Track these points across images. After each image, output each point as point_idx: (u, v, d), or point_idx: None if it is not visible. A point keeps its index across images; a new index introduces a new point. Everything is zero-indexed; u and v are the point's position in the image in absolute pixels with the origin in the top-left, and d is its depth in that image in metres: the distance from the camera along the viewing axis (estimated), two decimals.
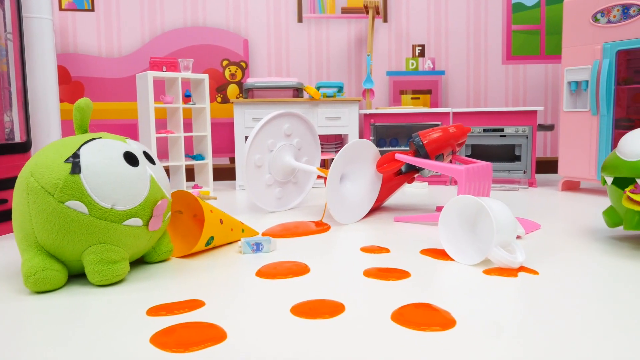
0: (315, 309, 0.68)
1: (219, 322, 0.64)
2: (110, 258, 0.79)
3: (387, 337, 0.59)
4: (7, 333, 0.61)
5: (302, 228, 1.24)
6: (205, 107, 2.00)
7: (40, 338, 0.60)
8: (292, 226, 1.26)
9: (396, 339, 0.58)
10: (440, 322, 0.63)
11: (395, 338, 0.58)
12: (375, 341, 0.58)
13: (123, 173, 0.80)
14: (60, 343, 0.58)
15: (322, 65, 2.47)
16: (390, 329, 0.61)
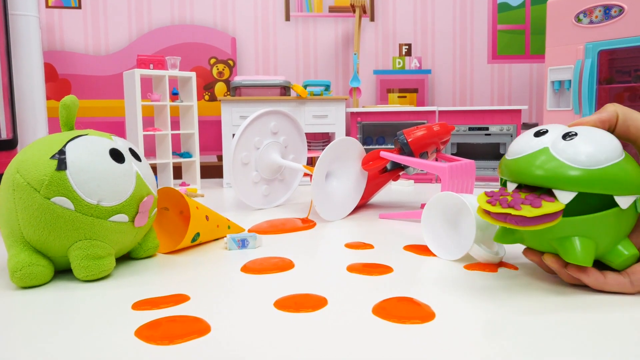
0: (299, 303, 0.69)
1: (203, 316, 0.65)
2: (96, 254, 0.80)
3: (367, 329, 0.60)
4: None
5: (288, 225, 1.25)
6: (193, 105, 2.01)
7: (27, 332, 0.61)
8: (279, 223, 1.27)
9: (377, 331, 0.59)
10: (420, 315, 0.64)
11: (376, 330, 0.60)
12: (356, 333, 0.59)
13: (109, 170, 0.81)
14: (47, 337, 0.59)
15: (310, 64, 2.48)
16: (371, 322, 0.62)
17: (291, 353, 0.54)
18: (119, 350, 0.55)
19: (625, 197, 0.66)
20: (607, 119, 0.70)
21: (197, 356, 0.53)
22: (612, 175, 0.65)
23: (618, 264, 0.70)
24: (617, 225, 0.68)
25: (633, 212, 0.69)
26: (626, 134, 0.70)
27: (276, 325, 0.62)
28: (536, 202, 0.66)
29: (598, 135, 0.68)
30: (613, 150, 0.66)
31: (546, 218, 0.65)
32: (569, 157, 0.66)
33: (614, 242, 0.69)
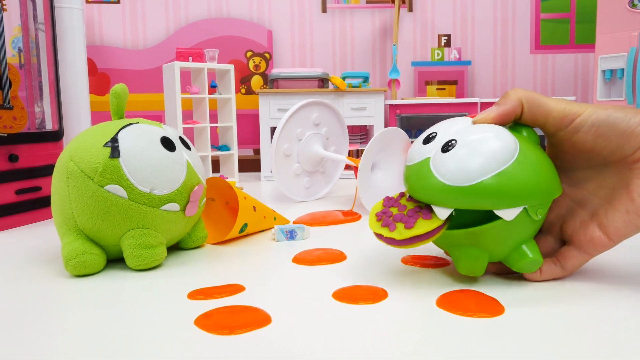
0: (358, 295, 0.67)
1: (261, 307, 0.63)
2: (149, 242, 0.79)
3: (433, 322, 0.57)
4: (50, 315, 0.62)
5: (330, 217, 1.23)
6: (231, 97, 2.00)
7: (84, 322, 0.60)
8: (320, 215, 1.25)
9: (443, 324, 0.57)
10: (489, 309, 0.61)
11: (442, 323, 0.57)
12: (422, 326, 0.56)
13: (161, 158, 0.80)
14: (105, 326, 0.58)
15: (346, 56, 2.45)
16: (436, 315, 0.60)
17: (357, 345, 0.51)
18: (180, 339, 0.54)
19: (508, 210, 0.61)
20: (511, 110, 0.64)
21: (259, 347, 0.52)
22: (487, 190, 0.60)
23: (517, 269, 0.67)
24: (508, 234, 0.64)
25: (527, 219, 0.64)
26: (533, 121, 0.65)
27: (337, 316, 0.60)
28: (410, 222, 0.63)
29: (480, 144, 0.61)
30: (493, 160, 0.60)
31: (417, 238, 0.64)
32: (442, 172, 0.62)
33: (510, 249, 0.66)
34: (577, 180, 0.69)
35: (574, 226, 0.68)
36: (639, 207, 0.61)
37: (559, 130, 0.64)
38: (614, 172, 0.65)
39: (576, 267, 0.68)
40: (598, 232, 0.65)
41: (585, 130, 0.62)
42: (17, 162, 1.18)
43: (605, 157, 0.64)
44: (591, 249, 0.66)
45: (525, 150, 0.62)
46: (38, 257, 0.90)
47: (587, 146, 0.63)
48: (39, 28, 1.41)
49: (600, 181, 0.66)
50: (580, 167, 0.68)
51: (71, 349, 0.52)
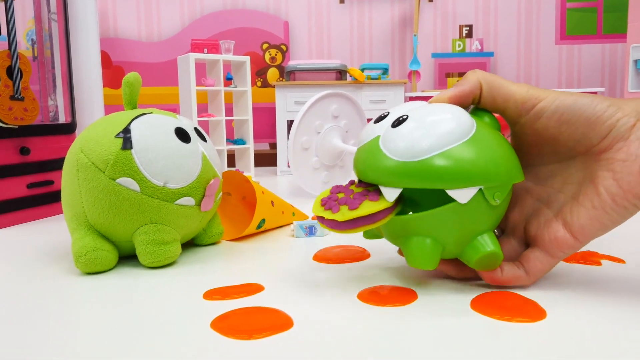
0: (385, 296, 0.62)
1: (282, 308, 0.59)
2: (162, 239, 0.75)
3: (468, 326, 0.53)
4: (58, 315, 0.58)
5: None
6: (247, 90, 1.96)
7: (96, 321, 0.56)
8: None
9: (479, 329, 0.52)
10: (529, 313, 0.56)
11: (478, 327, 0.52)
12: (455, 331, 0.51)
13: (175, 149, 0.76)
14: (118, 327, 0.54)
15: (364, 47, 2.40)
16: (471, 318, 0.55)
17: (387, 351, 0.47)
18: (196, 343, 0.49)
19: (461, 191, 0.55)
20: (469, 91, 0.59)
21: (280, 353, 0.47)
22: (438, 167, 0.54)
23: (474, 264, 0.60)
24: (463, 221, 0.57)
25: (483, 205, 0.57)
26: (493, 106, 0.60)
27: (364, 320, 0.55)
28: (354, 204, 0.57)
29: (432, 118, 0.56)
30: (445, 135, 0.55)
31: (362, 221, 0.57)
32: (391, 148, 0.56)
33: (466, 239, 0.59)
34: (543, 177, 0.62)
35: (537, 226, 0.61)
36: (605, 202, 0.55)
37: (521, 116, 0.58)
38: (581, 166, 0.58)
39: (540, 271, 0.61)
40: (562, 230, 0.58)
41: (548, 115, 0.57)
42: (29, 155, 1.15)
43: (570, 147, 0.58)
44: (555, 249, 0.59)
45: (482, 132, 0.57)
46: (49, 253, 0.87)
47: (550, 134, 0.58)
48: (51, 18, 1.38)
49: (567, 177, 0.60)
50: (546, 162, 0.62)
51: (80, 350, 0.48)
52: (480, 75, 0.60)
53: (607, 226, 0.56)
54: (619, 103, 0.55)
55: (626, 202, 0.54)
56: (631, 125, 0.53)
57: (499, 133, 0.60)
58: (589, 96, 0.56)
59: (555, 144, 0.59)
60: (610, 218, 0.55)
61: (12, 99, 1.06)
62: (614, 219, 0.55)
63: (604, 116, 0.54)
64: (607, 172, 0.55)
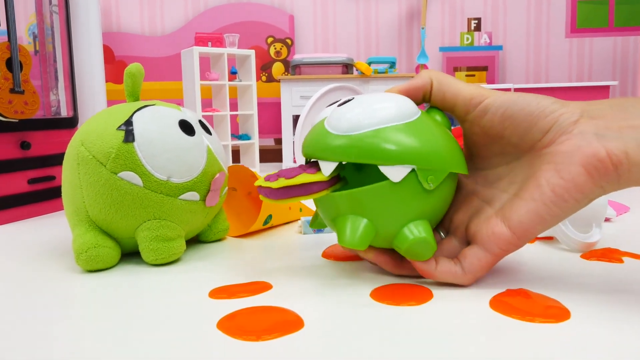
0: (399, 295, 0.60)
1: (291, 308, 0.56)
2: (166, 235, 0.73)
3: (488, 327, 0.50)
4: (57, 314, 0.55)
5: None
6: (252, 84, 1.93)
7: (99, 322, 0.53)
8: None
9: (500, 330, 0.49)
10: (554, 314, 0.53)
11: (499, 328, 0.49)
12: (474, 331, 0.49)
13: (179, 142, 0.73)
14: (121, 326, 0.51)
15: (371, 41, 2.36)
16: (491, 318, 0.52)
17: (402, 353, 0.44)
18: (202, 344, 0.47)
19: (393, 168, 0.55)
20: (420, 85, 0.62)
21: (290, 355, 0.44)
22: (372, 141, 0.56)
23: (405, 251, 0.59)
24: (396, 202, 0.57)
25: (418, 188, 0.57)
26: (442, 102, 0.61)
27: (378, 320, 0.52)
28: (291, 174, 0.58)
29: (378, 98, 0.59)
30: (385, 115, 0.57)
31: (296, 190, 0.58)
32: (332, 123, 0.58)
33: (398, 223, 0.58)
34: (491, 180, 0.62)
35: (477, 223, 0.60)
36: (544, 193, 0.54)
37: (468, 112, 0.60)
38: (526, 165, 0.58)
39: (478, 269, 0.59)
40: (500, 225, 0.57)
41: (493, 111, 0.58)
42: (30, 149, 1.12)
43: (515, 145, 0.58)
44: (492, 245, 0.57)
45: (425, 121, 0.59)
46: (50, 251, 0.84)
47: (496, 131, 0.58)
48: (52, 10, 1.35)
49: (512, 177, 0.60)
50: (494, 165, 0.62)
51: (80, 350, 0.45)
52: (432, 73, 0.62)
53: (545, 220, 0.55)
54: (564, 102, 0.55)
55: (566, 193, 0.53)
56: (574, 120, 0.53)
57: (447, 130, 0.61)
58: (535, 94, 0.57)
59: (502, 142, 0.59)
60: (549, 211, 0.54)
61: (12, 92, 1.04)
62: (553, 212, 0.54)
63: (546, 110, 0.55)
64: (548, 165, 0.54)
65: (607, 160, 0.50)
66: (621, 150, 0.49)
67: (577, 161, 0.52)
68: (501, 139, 0.59)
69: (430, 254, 0.59)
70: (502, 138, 0.59)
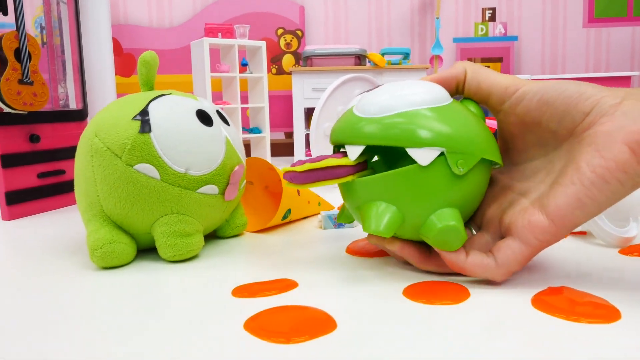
0: (434, 293, 0.56)
1: (320, 307, 0.53)
2: (184, 230, 0.69)
3: (531, 327, 0.46)
4: (72, 313, 0.52)
5: None
6: (263, 76, 1.89)
7: (110, 319, 0.50)
8: None
9: (543, 330, 0.45)
10: (603, 314, 0.50)
11: (542, 328, 0.46)
12: (517, 332, 0.45)
13: (197, 133, 0.70)
14: (134, 325, 0.48)
15: (383, 32, 2.31)
16: (534, 318, 0.48)
17: (441, 355, 0.40)
18: (230, 347, 0.43)
19: (421, 150, 0.53)
20: (453, 75, 0.60)
21: (325, 359, 0.41)
22: (400, 124, 0.54)
23: (432, 239, 0.55)
24: (424, 187, 0.54)
25: (447, 172, 0.54)
26: (477, 92, 0.59)
27: (414, 320, 0.49)
28: (316, 160, 0.57)
29: (409, 84, 0.57)
30: (413, 98, 0.55)
31: (320, 173, 0.56)
32: (362, 108, 0.57)
33: (426, 211, 0.55)
34: (528, 174, 0.59)
35: (512, 214, 0.56)
36: (584, 175, 0.50)
37: (504, 101, 0.58)
38: (564, 154, 0.55)
39: (512, 262, 0.55)
40: (537, 214, 0.53)
41: (530, 97, 0.55)
42: (39, 142, 1.09)
43: (553, 131, 0.55)
44: (528, 235, 0.53)
45: (457, 107, 0.56)
46: (62, 247, 0.81)
47: (532, 118, 0.56)
48: (61, 0, 1.32)
49: (550, 168, 0.57)
50: (531, 157, 0.59)
51: (96, 352, 0.42)
52: (466, 64, 0.61)
53: (585, 205, 0.51)
54: (605, 87, 0.53)
55: (608, 173, 0.49)
56: (617, 102, 0.50)
57: (481, 120, 0.58)
58: (574, 81, 0.55)
59: (539, 130, 0.56)
60: (589, 194, 0.50)
61: (21, 82, 1.00)
62: (594, 195, 0.50)
63: (586, 94, 0.52)
64: (589, 147, 0.51)
65: None
66: None
67: (620, 139, 0.48)
68: (538, 126, 0.56)
69: (460, 243, 0.55)
70: (540, 125, 0.56)
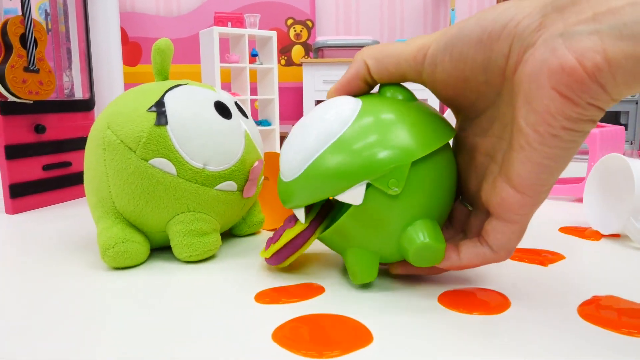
0: (471, 302, 0.52)
1: (351, 315, 0.49)
2: (201, 229, 0.65)
3: (579, 341, 0.42)
4: (84, 317, 0.48)
5: None
6: (273, 67, 1.84)
7: (124, 323, 0.46)
8: None
9: (594, 344, 0.41)
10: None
11: (593, 342, 0.42)
12: (565, 345, 0.41)
13: (215, 126, 0.66)
14: (155, 333, 0.44)
15: (395, 23, 2.26)
16: (582, 330, 0.44)
17: None
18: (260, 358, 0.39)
19: (346, 193, 0.49)
20: (353, 75, 0.53)
21: None
22: (311, 179, 0.50)
23: (415, 261, 0.50)
24: (375, 221, 0.50)
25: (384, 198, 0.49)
26: (389, 75, 0.51)
27: (454, 331, 0.45)
28: (276, 237, 0.58)
29: (304, 124, 0.53)
30: (312, 143, 0.50)
31: (284, 251, 0.57)
32: (282, 171, 0.55)
33: (395, 237, 0.51)
34: (486, 126, 0.51)
35: (486, 189, 0.50)
36: (528, 135, 0.42)
37: (420, 73, 0.49)
38: (507, 100, 0.47)
39: (506, 244, 0.49)
40: (506, 188, 0.47)
41: (441, 58, 0.47)
42: (44, 133, 1.05)
43: (485, 82, 0.46)
44: (507, 212, 0.47)
45: (363, 119, 0.50)
46: (69, 244, 0.77)
47: (456, 77, 0.47)
48: None
49: (501, 118, 0.49)
50: (481, 109, 0.50)
51: (105, 357, 0.38)
52: (364, 53, 0.53)
53: (546, 166, 0.43)
54: (518, 3, 0.43)
55: (549, 128, 0.41)
56: (536, 25, 0.40)
57: (404, 106, 0.51)
58: (478, 14, 0.45)
59: (470, 85, 0.48)
60: (543, 154, 0.43)
61: (26, 70, 0.96)
62: (548, 154, 0.42)
63: (496, 27, 0.42)
64: (520, 97, 0.43)
65: (580, 71, 0.36)
66: (597, 51, 0.35)
67: (545, 83, 0.39)
68: (467, 82, 0.47)
69: (440, 254, 0.50)
70: (468, 81, 0.47)
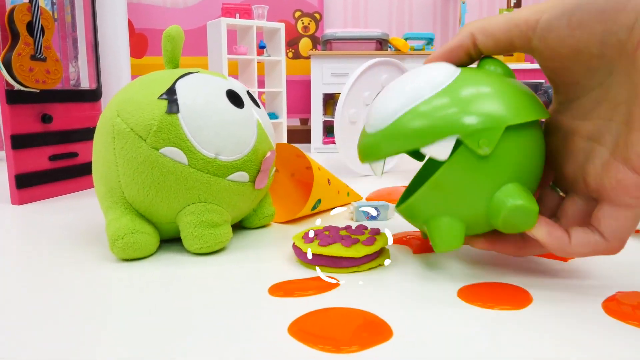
0: (491, 296, 0.51)
1: (368, 309, 0.47)
2: (212, 220, 0.64)
3: (604, 337, 0.41)
4: (91, 309, 0.46)
5: (397, 194, 1.06)
6: (281, 59, 1.83)
7: (134, 315, 0.44)
8: (385, 192, 1.09)
9: (620, 342, 0.40)
10: None
11: (619, 339, 0.40)
12: (592, 344, 0.40)
13: (227, 115, 0.64)
14: (166, 326, 0.43)
15: (404, 16, 2.24)
16: (607, 327, 0.43)
17: None
18: (276, 355, 0.38)
19: (434, 146, 0.47)
20: (457, 45, 0.52)
21: None
22: (402, 127, 0.49)
23: (503, 227, 0.49)
24: (464, 183, 0.48)
25: (472, 158, 0.47)
26: (497, 45, 0.50)
27: (476, 327, 0.43)
28: (328, 240, 0.59)
29: (405, 79, 0.52)
30: (410, 93, 0.49)
31: (325, 261, 0.58)
32: (369, 122, 0.54)
33: (481, 202, 0.49)
34: (589, 109, 0.49)
35: (596, 174, 0.47)
36: None
37: (530, 39, 0.47)
38: (623, 80, 0.44)
39: (620, 231, 0.46)
40: (623, 170, 0.44)
41: (557, 24, 0.45)
42: (51, 123, 1.04)
43: (599, 56, 0.44)
44: (622, 196, 0.45)
45: (463, 79, 0.49)
46: (77, 235, 0.76)
47: (569, 46, 0.45)
48: None
49: (612, 99, 0.46)
50: (586, 88, 0.48)
51: (117, 354, 0.37)
52: (470, 25, 0.52)
53: None
54: None
55: None
56: None
57: (503, 78, 0.51)
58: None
59: (582, 58, 0.45)
60: None
61: (33, 58, 0.95)
62: None
63: (622, 1, 0.40)
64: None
65: None
66: None
67: None
68: (580, 54, 0.45)
69: (534, 218, 0.48)
70: (581, 52, 0.45)
